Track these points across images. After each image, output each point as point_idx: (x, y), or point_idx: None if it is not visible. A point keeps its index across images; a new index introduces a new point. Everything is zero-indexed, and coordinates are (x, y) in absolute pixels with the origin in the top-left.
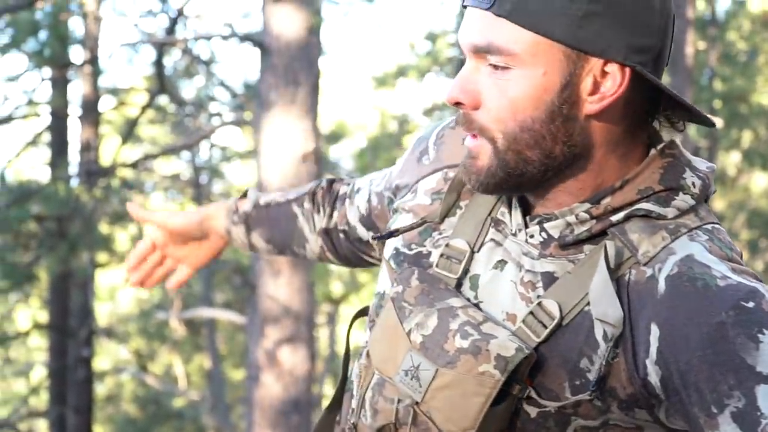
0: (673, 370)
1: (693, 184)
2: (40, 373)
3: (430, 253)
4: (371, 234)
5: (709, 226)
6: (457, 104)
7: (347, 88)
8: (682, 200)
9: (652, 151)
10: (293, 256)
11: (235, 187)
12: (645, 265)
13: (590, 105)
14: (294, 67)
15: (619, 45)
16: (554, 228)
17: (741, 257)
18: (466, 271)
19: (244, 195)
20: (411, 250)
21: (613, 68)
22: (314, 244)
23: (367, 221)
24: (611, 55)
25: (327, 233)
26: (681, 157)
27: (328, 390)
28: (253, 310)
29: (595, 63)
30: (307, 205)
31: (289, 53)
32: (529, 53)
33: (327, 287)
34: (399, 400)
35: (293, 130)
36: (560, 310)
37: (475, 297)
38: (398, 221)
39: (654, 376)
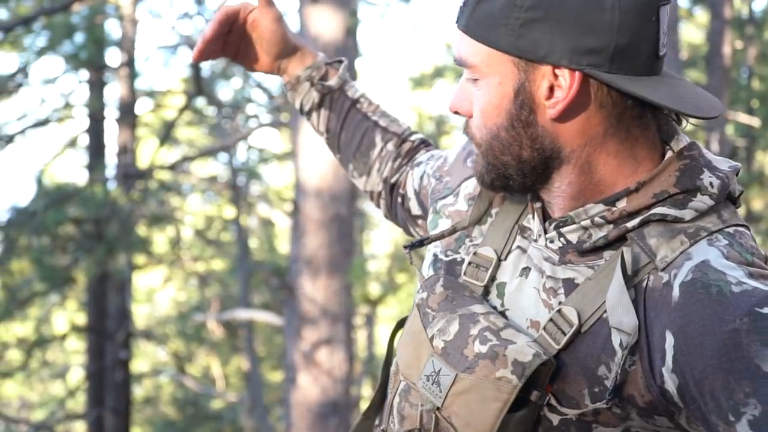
0: (689, 379)
1: (711, 184)
2: (77, 376)
3: (463, 260)
4: (419, 211)
5: (730, 229)
6: (456, 112)
7: (384, 89)
8: (700, 201)
9: (669, 154)
10: (341, 164)
11: (273, 188)
12: (663, 270)
13: (549, 110)
14: None
15: (563, 49)
16: (571, 233)
17: (766, 261)
18: (492, 278)
19: (338, 62)
20: (447, 257)
21: (562, 72)
22: (374, 183)
23: (418, 198)
24: (554, 61)
25: (391, 186)
26: (700, 158)
27: (366, 392)
28: (290, 312)
29: (546, 69)
30: (391, 146)
31: (326, 54)
32: (484, 64)
33: (365, 288)
34: (422, 405)
35: None
36: (579, 317)
37: (502, 305)
38: (438, 227)
39: (671, 384)
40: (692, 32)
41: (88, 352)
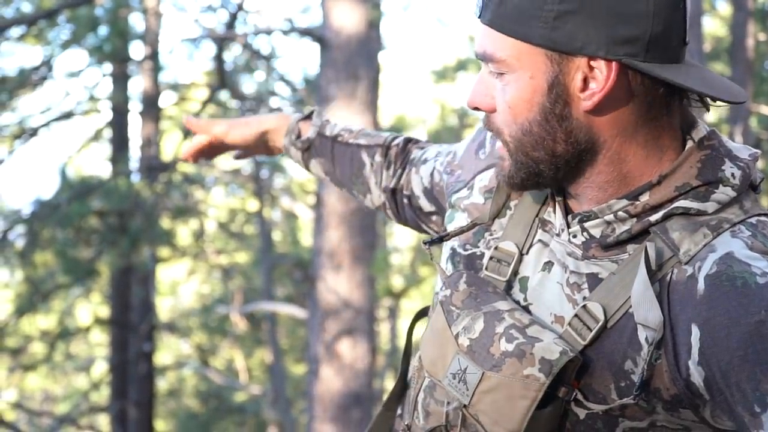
0: (715, 371)
1: (732, 175)
2: (101, 368)
3: (483, 254)
4: (432, 207)
5: (753, 220)
6: (476, 108)
7: (407, 82)
8: (723, 193)
9: (689, 144)
10: (351, 195)
11: (296, 181)
12: (687, 263)
13: (584, 102)
14: (354, 61)
15: (599, 40)
16: (595, 228)
17: None
18: (515, 273)
19: (308, 116)
20: (466, 250)
21: (598, 64)
22: (377, 198)
23: (429, 195)
24: (591, 52)
25: (392, 193)
26: (721, 147)
27: (389, 384)
28: (313, 305)
29: (580, 61)
30: (378, 158)
31: (349, 48)
32: (514, 58)
33: (387, 281)
34: (448, 403)
35: (353, 125)
36: (604, 313)
37: (525, 299)
38: (455, 220)
39: (697, 377)
40: (715, 24)
41: (111, 344)
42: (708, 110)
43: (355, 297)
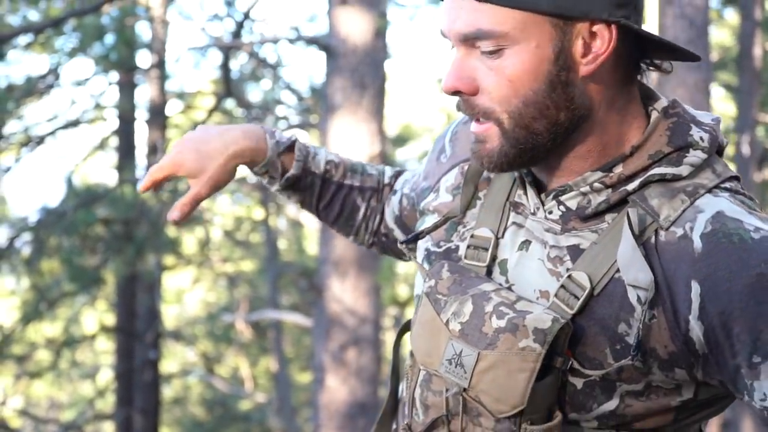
0: (716, 324)
1: (701, 138)
2: (106, 376)
3: (458, 247)
4: (403, 235)
5: (727, 184)
6: (456, 93)
7: (413, 91)
8: (694, 156)
9: (655, 114)
10: (326, 225)
11: None
12: (670, 227)
13: (585, 67)
14: (360, 70)
15: (602, 3)
16: (570, 200)
17: (759, 209)
18: (494, 258)
19: (290, 148)
20: (440, 247)
21: (599, 27)
22: (363, 239)
23: (400, 222)
24: (596, 15)
25: (376, 233)
26: (685, 114)
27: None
28: (319, 313)
29: (581, 26)
30: (373, 203)
31: (355, 56)
32: (518, 30)
33: (393, 290)
34: (447, 390)
35: (359, 133)
36: (590, 281)
37: (506, 281)
38: (425, 223)
39: (697, 331)
40: (723, 34)
41: (117, 352)
42: (668, 72)
43: (360, 306)
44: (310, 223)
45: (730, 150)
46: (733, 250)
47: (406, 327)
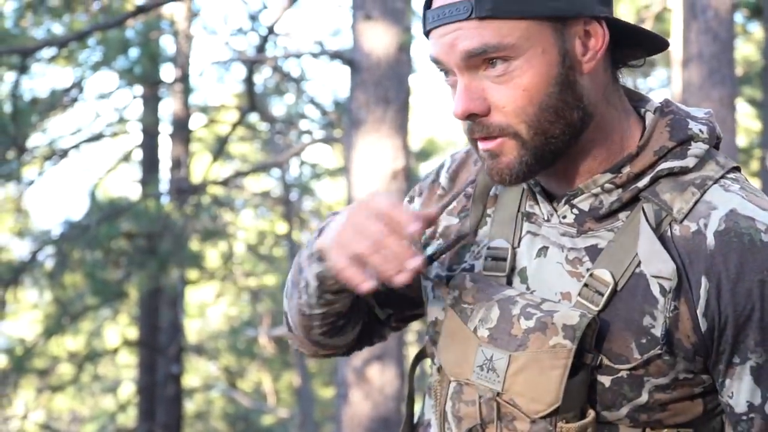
0: (715, 324)
1: (701, 130)
2: (129, 390)
3: (473, 266)
4: (386, 311)
5: (732, 175)
6: (470, 116)
7: (437, 105)
8: (697, 147)
9: (650, 113)
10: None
11: (325, 204)
12: (682, 221)
13: (587, 65)
14: (384, 84)
15: (590, 1)
16: (583, 202)
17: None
18: (512, 268)
19: None
20: (453, 270)
21: (591, 24)
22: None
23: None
24: (588, 12)
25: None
26: (680, 111)
27: (417, 408)
28: None
29: (577, 25)
30: None
31: (379, 71)
32: (523, 39)
33: None
34: (480, 397)
35: (383, 148)
36: (613, 277)
37: (528, 288)
38: (433, 249)
39: (703, 327)
40: (748, 48)
41: (139, 366)
42: (640, 66)
43: None
44: None
45: (754, 165)
46: (742, 252)
47: (420, 355)
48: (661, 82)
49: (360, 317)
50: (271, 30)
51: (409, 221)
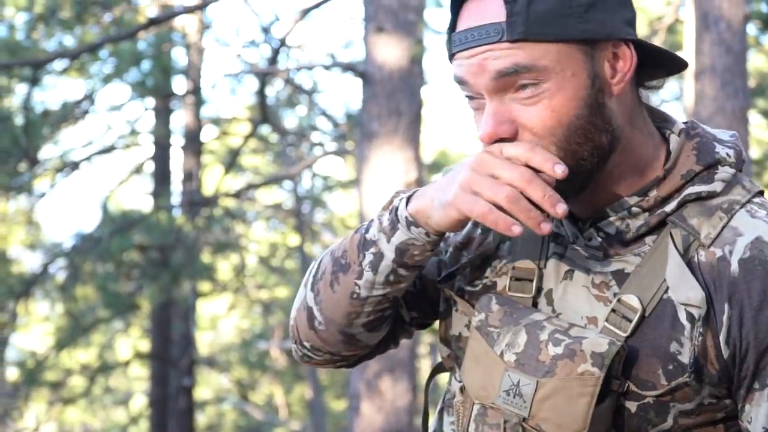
0: (736, 351)
1: (728, 154)
2: (140, 403)
3: (495, 282)
4: (411, 314)
5: (758, 199)
6: (497, 140)
7: (449, 118)
8: (724, 172)
9: (674, 136)
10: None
11: (337, 216)
12: (710, 246)
13: (615, 87)
14: (396, 96)
15: (619, 24)
16: (609, 226)
17: None
18: (539, 289)
19: None
20: (475, 286)
21: (620, 47)
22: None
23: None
24: (616, 36)
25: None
26: (706, 134)
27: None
28: None
29: (606, 48)
30: None
31: (391, 83)
32: (554, 62)
33: None
34: (505, 422)
35: (395, 160)
36: (641, 302)
37: (553, 311)
38: (448, 257)
39: (725, 353)
40: (760, 60)
41: (151, 379)
42: (659, 88)
43: None
44: None
45: (767, 177)
46: (766, 280)
47: (437, 369)
48: (673, 95)
49: (394, 313)
50: (283, 42)
51: (552, 162)
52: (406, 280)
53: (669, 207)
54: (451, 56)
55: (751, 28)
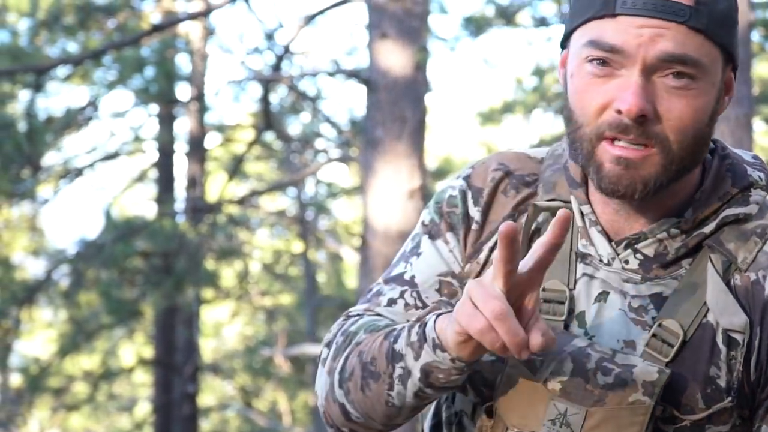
0: (763, 371)
1: (760, 177)
2: (144, 409)
3: None
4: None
5: None
6: (640, 117)
7: (453, 124)
8: (757, 194)
9: (709, 158)
10: None
11: (341, 223)
12: (747, 270)
13: (721, 107)
14: (400, 103)
15: (737, 45)
16: (647, 247)
17: None
18: (570, 311)
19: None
20: None
21: (732, 72)
22: None
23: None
24: (737, 61)
25: None
26: (734, 155)
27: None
28: None
29: (729, 69)
30: None
31: (395, 89)
32: (711, 64)
33: None
34: None
35: (399, 167)
36: (681, 327)
37: (586, 333)
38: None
39: (753, 375)
40: (764, 68)
41: (155, 385)
42: None
43: None
44: (349, 256)
45: None
46: None
47: None
48: None
49: None
50: (287, 49)
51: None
52: (435, 398)
53: (708, 228)
54: (606, 15)
55: (756, 35)
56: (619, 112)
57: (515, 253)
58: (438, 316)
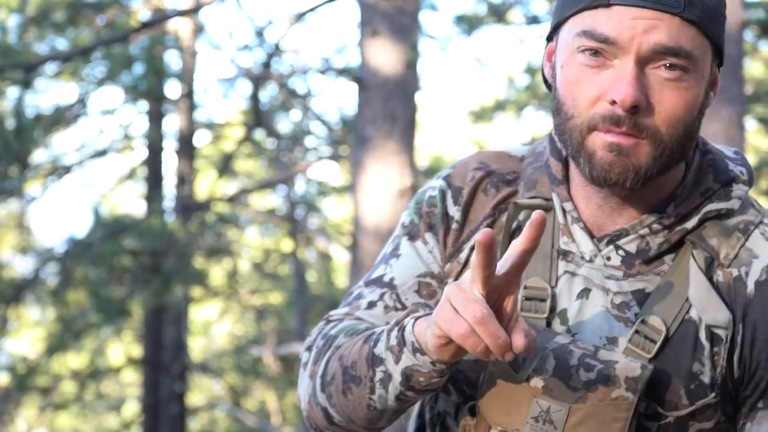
0: (746, 370)
1: (741, 172)
2: (132, 409)
3: None
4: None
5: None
6: (634, 107)
7: (444, 123)
8: (739, 189)
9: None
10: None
11: (331, 222)
12: (729, 266)
13: (707, 102)
14: (391, 101)
15: (724, 41)
16: (629, 243)
17: None
18: (552, 308)
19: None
20: None
21: (716, 67)
22: None
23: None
24: (723, 54)
25: None
26: (716, 151)
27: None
28: None
29: (716, 64)
30: None
31: (386, 88)
32: (702, 57)
33: None
34: None
35: (390, 165)
36: (665, 324)
37: (568, 331)
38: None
39: (736, 373)
40: (757, 67)
41: (143, 384)
42: None
43: None
44: (339, 255)
45: (763, 184)
46: None
47: None
48: None
49: None
50: (277, 46)
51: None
52: (417, 400)
53: (690, 224)
54: (600, 5)
55: (748, 35)
56: (613, 102)
57: (492, 259)
58: (416, 319)
